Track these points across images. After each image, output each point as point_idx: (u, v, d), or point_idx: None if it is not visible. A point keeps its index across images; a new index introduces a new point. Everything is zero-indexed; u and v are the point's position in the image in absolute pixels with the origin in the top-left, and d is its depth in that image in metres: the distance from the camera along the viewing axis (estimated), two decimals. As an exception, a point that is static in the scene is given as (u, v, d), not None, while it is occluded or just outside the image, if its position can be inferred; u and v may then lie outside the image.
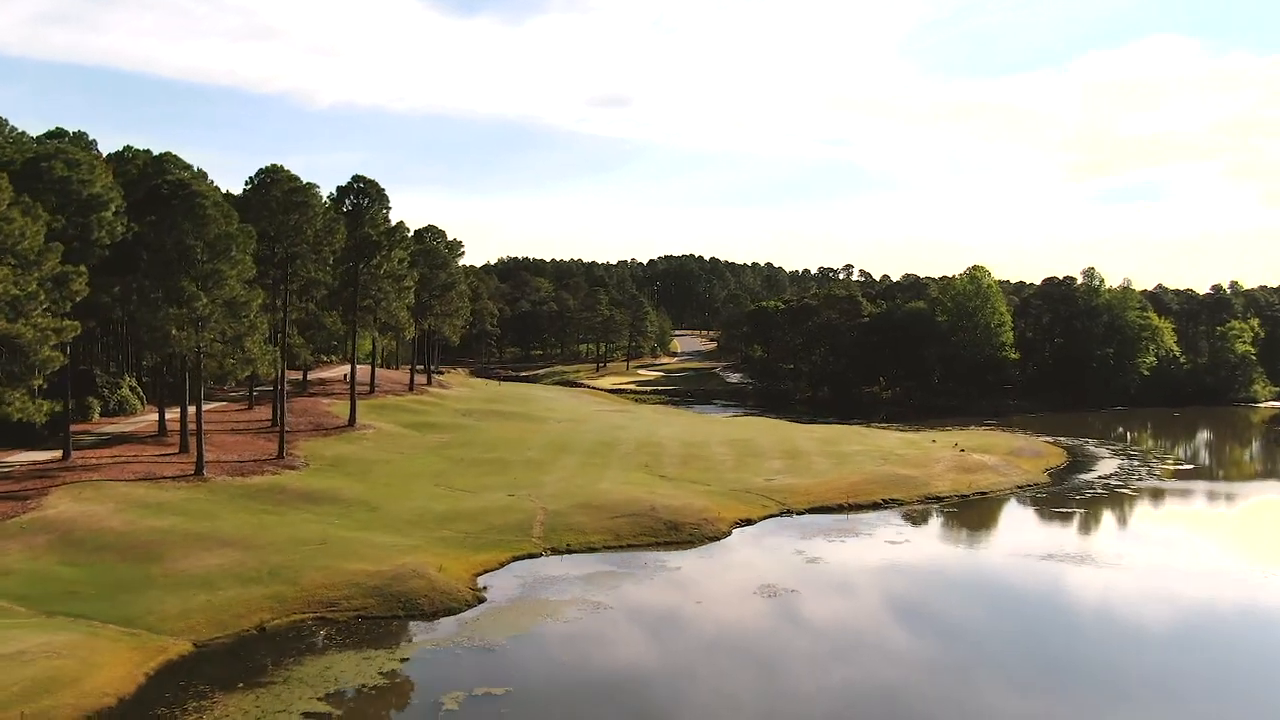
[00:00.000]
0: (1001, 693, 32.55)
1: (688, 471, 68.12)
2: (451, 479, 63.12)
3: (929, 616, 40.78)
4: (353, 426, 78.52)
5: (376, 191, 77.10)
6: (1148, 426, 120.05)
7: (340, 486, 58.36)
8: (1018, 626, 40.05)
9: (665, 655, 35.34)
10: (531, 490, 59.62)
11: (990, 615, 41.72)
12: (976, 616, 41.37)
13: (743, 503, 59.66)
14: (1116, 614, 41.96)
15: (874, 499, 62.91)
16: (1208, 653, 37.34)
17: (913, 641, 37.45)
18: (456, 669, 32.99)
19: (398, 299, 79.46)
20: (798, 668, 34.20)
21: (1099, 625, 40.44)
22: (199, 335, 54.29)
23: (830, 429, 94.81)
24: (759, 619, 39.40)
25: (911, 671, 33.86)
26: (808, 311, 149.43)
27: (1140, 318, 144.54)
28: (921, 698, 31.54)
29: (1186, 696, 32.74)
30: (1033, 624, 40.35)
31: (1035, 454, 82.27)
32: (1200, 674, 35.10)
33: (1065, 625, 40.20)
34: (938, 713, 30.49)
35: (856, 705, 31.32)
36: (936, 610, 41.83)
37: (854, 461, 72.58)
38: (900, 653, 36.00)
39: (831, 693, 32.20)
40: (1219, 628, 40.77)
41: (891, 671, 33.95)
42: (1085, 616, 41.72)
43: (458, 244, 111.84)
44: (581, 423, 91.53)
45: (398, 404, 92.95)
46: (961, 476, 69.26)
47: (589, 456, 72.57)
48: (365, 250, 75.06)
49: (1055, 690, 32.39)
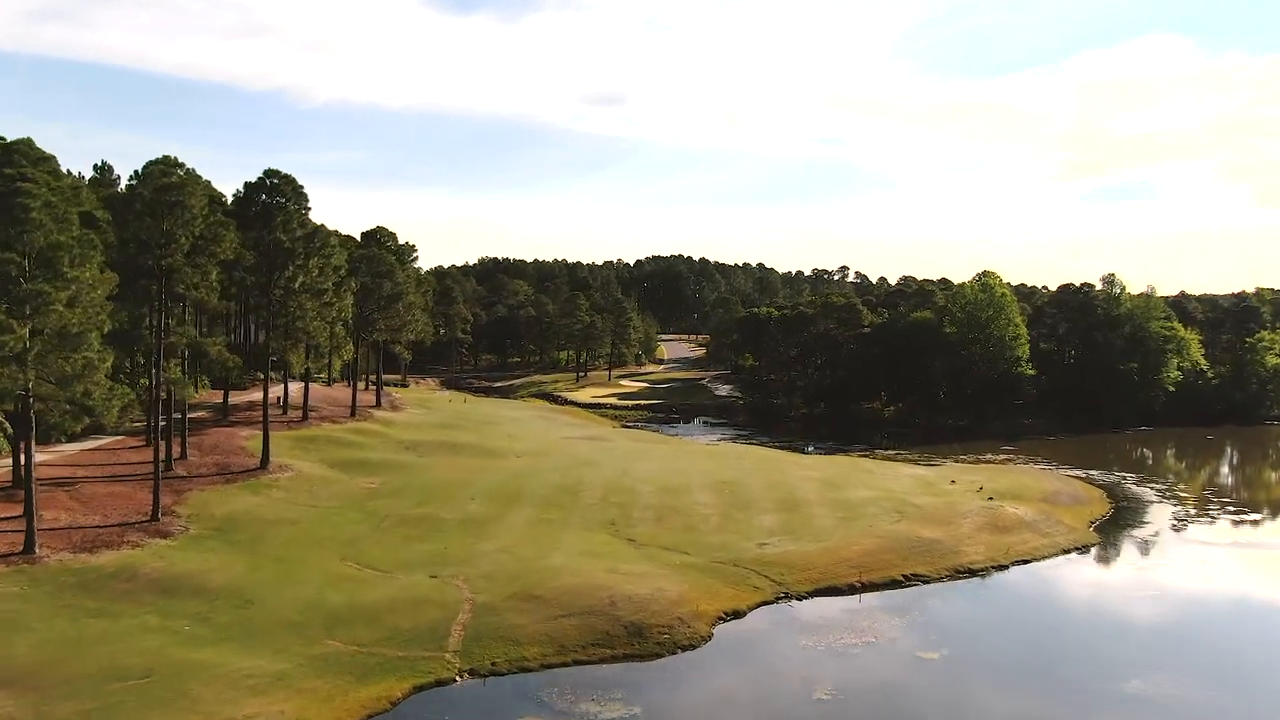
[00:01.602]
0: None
1: (662, 533, 55.64)
2: (364, 549, 50.43)
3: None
4: (265, 469, 65.75)
5: (292, 189, 64.25)
6: (1184, 454, 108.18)
7: (214, 567, 45.61)
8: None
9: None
10: (462, 567, 47.03)
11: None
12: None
13: (729, 583, 47.19)
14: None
15: (892, 574, 50.47)
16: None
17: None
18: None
19: (318, 316, 66.54)
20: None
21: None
22: (25, 375, 41.59)
23: (831, 464, 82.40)
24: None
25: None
26: (803, 321, 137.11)
27: (1165, 328, 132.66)
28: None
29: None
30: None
31: (1074, 500, 70.00)
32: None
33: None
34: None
35: None
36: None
37: (864, 516, 60.19)
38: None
39: None
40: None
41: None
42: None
43: (409, 249, 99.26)
44: (545, 456, 78.90)
45: (331, 435, 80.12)
46: (996, 539, 56.89)
47: (544, 509, 60.02)
48: (277, 260, 62.29)
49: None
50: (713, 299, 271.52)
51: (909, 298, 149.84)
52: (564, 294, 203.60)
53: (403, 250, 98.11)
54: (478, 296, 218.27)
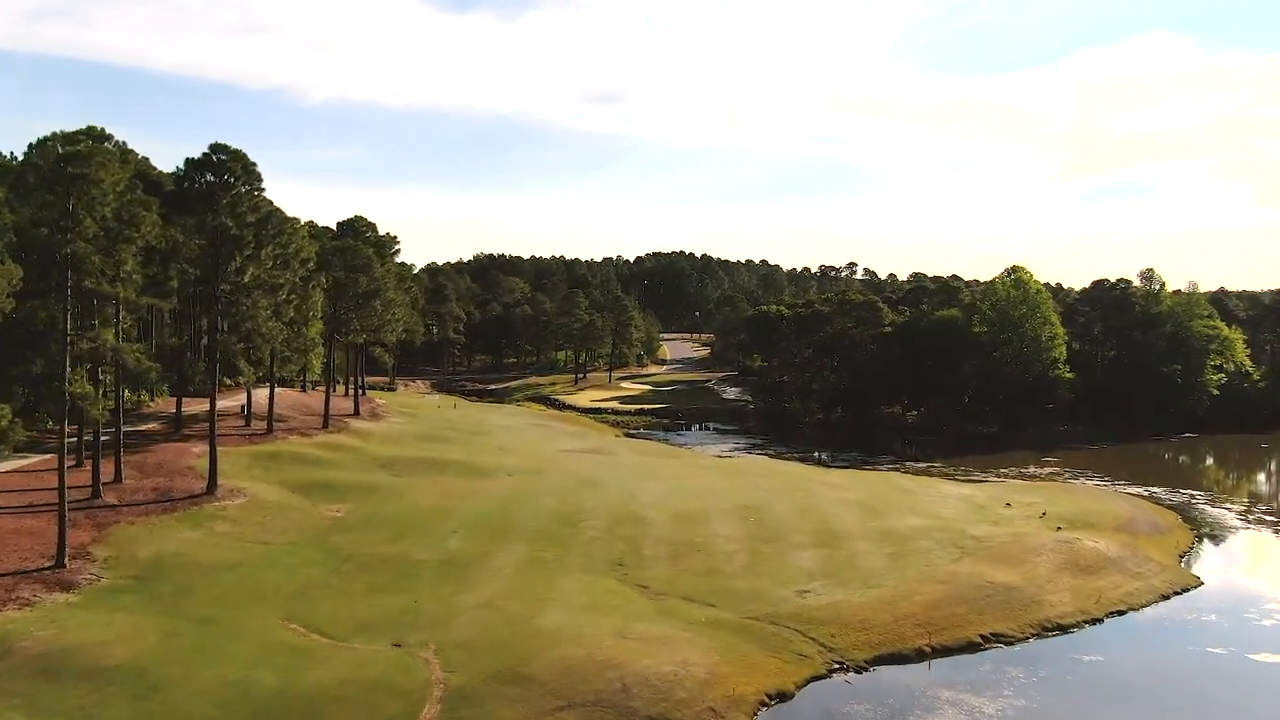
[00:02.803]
0: None
1: (680, 577, 46.15)
2: (316, 605, 40.82)
3: None
4: (212, 495, 56.11)
5: (243, 167, 54.42)
6: (1247, 467, 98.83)
7: (119, 635, 35.97)
8: None
9: None
10: (435, 631, 37.52)
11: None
12: None
13: (769, 649, 37.75)
14: None
15: (967, 634, 41.01)
16: None
17: None
18: None
19: (274, 316, 56.85)
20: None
21: None
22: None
23: (863, 481, 72.84)
24: None
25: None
26: (819, 319, 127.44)
27: (1208, 327, 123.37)
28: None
29: None
30: None
31: (1153, 528, 60.54)
32: None
33: None
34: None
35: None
36: None
37: (917, 552, 50.70)
38: None
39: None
40: None
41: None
42: None
43: (390, 240, 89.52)
44: (540, 475, 69.30)
45: (297, 451, 70.42)
46: (1081, 582, 47.38)
47: (538, 545, 50.45)
48: (223, 249, 52.68)
49: None
50: (716, 296, 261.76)
51: (932, 295, 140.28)
52: (562, 291, 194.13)
53: (383, 242, 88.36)
54: (471, 294, 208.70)
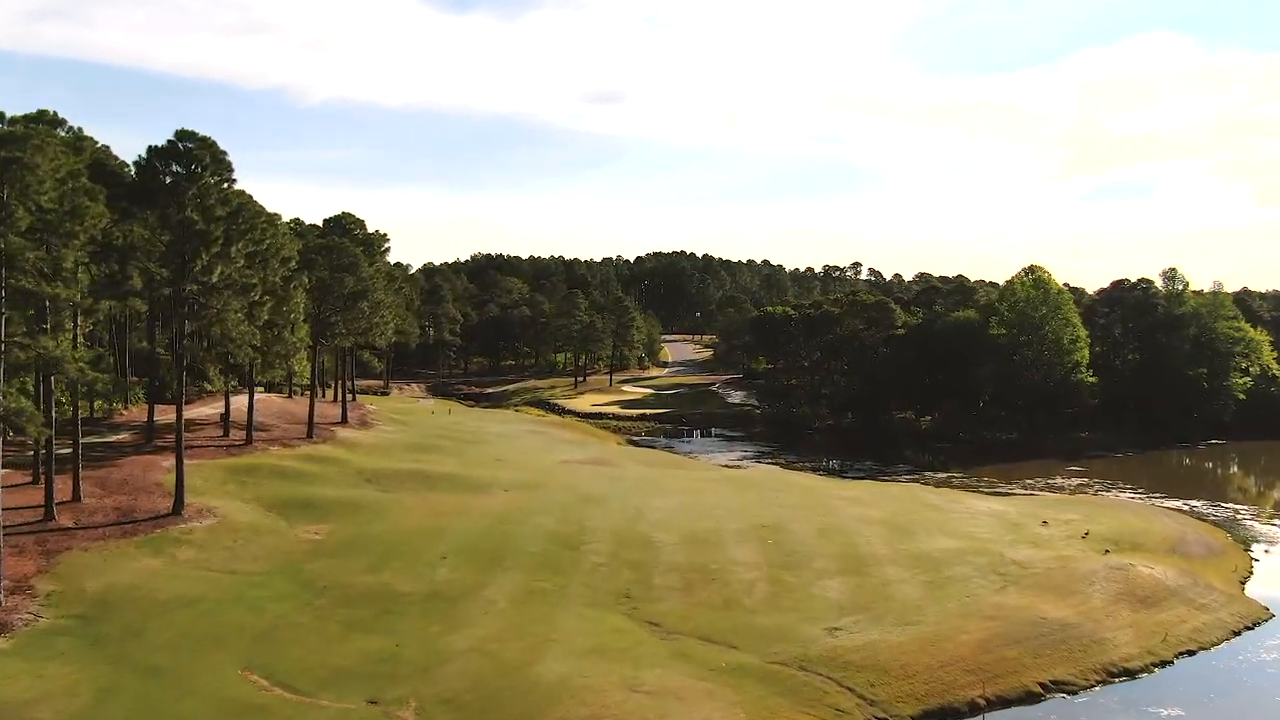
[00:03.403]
0: None
1: (695, 611, 41.20)
2: (283, 649, 35.80)
3: None
4: (179, 515, 51.12)
5: (212, 156, 49.41)
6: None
7: (49, 690, 30.97)
8: None
9: None
10: (416, 683, 32.59)
11: None
12: None
13: (801, 704, 32.84)
14: None
15: (1025, 682, 36.07)
16: None
17: None
18: None
19: (245, 320, 51.84)
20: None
21: None
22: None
23: (886, 495, 67.86)
24: None
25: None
26: (828, 321, 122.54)
27: (1233, 329, 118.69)
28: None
29: None
30: None
31: (1207, 550, 55.62)
32: None
33: None
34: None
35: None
36: None
37: (956, 580, 45.74)
38: None
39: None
40: None
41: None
42: None
43: (379, 238, 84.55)
44: (539, 491, 64.27)
45: (277, 464, 65.38)
46: (1143, 616, 42.47)
47: (536, 574, 45.44)
48: (189, 245, 47.69)
49: None
50: (718, 297, 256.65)
51: (946, 296, 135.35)
52: (561, 291, 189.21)
53: (372, 240, 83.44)
54: (469, 295, 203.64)
